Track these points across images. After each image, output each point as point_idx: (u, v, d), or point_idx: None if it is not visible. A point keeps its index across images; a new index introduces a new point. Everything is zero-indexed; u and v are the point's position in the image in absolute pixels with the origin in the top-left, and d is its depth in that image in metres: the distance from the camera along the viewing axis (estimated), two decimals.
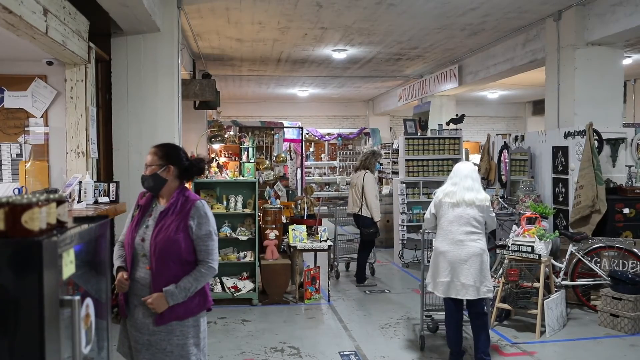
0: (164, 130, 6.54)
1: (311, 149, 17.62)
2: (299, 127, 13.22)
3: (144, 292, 2.90)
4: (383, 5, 7.27)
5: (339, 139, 17.21)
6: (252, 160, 8.35)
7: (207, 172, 7.39)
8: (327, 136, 17.12)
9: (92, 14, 5.47)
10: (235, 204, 6.81)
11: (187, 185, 3.21)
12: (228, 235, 6.71)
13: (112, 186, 5.29)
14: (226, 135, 11.64)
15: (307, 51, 10.34)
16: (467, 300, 4.58)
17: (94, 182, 5.15)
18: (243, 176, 7.42)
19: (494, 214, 4.83)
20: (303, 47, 10.00)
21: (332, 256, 7.59)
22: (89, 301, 1.99)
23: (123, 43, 6.50)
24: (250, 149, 8.86)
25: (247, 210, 6.80)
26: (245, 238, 6.69)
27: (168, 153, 3.05)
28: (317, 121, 18.63)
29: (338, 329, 5.83)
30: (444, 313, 4.93)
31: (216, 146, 9.33)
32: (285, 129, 13.34)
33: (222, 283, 6.72)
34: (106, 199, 5.15)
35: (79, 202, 4.82)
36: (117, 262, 3.03)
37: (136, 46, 6.52)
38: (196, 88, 8.96)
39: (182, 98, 7.33)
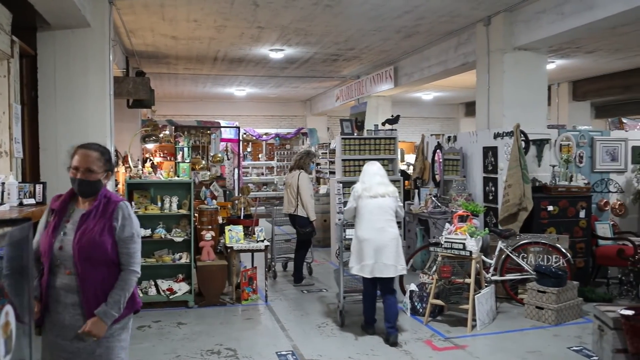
0: (95, 130, 6.32)
1: (249, 149, 17.49)
2: (236, 127, 13.10)
3: (68, 298, 2.79)
4: (320, 6, 7.31)
5: (277, 138, 17.18)
6: (188, 160, 8.21)
7: (141, 172, 7.21)
8: (264, 136, 17.05)
9: (16, 6, 5.21)
10: (170, 205, 6.67)
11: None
12: (163, 236, 6.56)
13: (39, 187, 5.06)
14: (161, 135, 11.40)
15: (244, 50, 10.27)
16: (382, 279, 5.35)
17: (19, 183, 4.92)
18: (178, 176, 7.29)
19: (401, 204, 5.66)
20: (240, 46, 9.92)
21: (269, 256, 7.56)
22: (8, 308, 1.89)
23: (50, 38, 6.23)
24: (186, 149, 8.72)
25: (183, 211, 6.68)
26: (180, 239, 6.56)
27: (110, 158, 2.95)
28: (255, 121, 18.54)
29: (275, 330, 5.82)
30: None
31: (150, 146, 9.12)
32: (222, 129, 13.18)
33: (156, 285, 6.57)
34: (32, 201, 4.93)
35: (1, 204, 4.59)
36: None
37: (65, 41, 6.25)
38: (129, 86, 8.72)
39: (115, 96, 7.10)
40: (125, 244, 2.85)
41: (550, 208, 6.91)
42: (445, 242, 5.92)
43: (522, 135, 7.04)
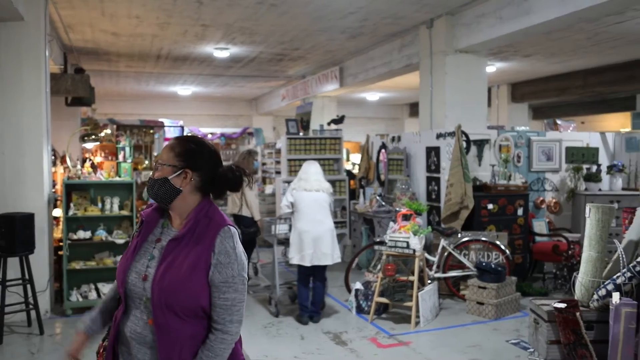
0: (30, 128, 6.07)
1: None
2: (180, 126, 12.88)
3: (141, 353, 1.98)
4: (264, 5, 7.27)
5: (222, 138, 17.00)
6: (130, 160, 8.01)
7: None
8: (210, 135, 16.85)
9: None
10: (111, 206, 6.49)
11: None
12: (104, 238, 6.38)
13: None
14: (102, 134, 11.06)
15: (188, 48, 10.10)
16: (318, 267, 5.88)
17: None
18: (120, 176, 7.10)
19: (333, 199, 6.22)
20: (184, 44, 9.76)
21: None
22: None
23: None
24: (128, 148, 8.50)
25: (124, 212, 6.51)
26: (122, 241, 6.39)
27: (190, 151, 2.06)
28: (200, 120, 18.27)
29: None
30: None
31: (90, 145, 8.84)
32: (166, 128, 12.92)
33: (97, 289, 6.38)
34: None
35: None
36: (91, 313, 2.18)
37: None
38: (68, 83, 8.41)
39: (52, 94, 6.85)
40: (220, 291, 1.97)
41: (490, 206, 7.12)
42: (389, 240, 6.01)
43: (463, 135, 7.22)
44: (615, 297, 2.48)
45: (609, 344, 2.50)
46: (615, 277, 2.63)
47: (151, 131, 11.23)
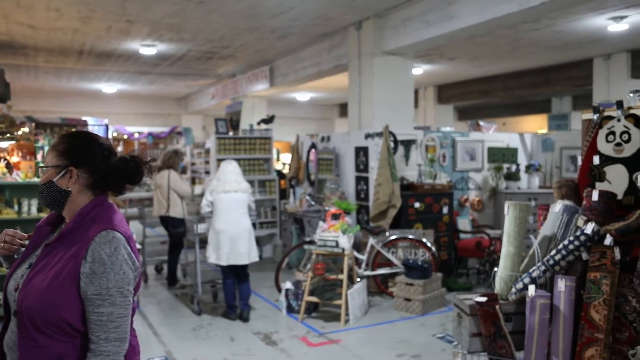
0: None
1: (119, 148, 16.68)
2: (105, 125, 12.42)
3: None
4: (192, 1, 7.14)
5: (150, 137, 16.56)
6: None
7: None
8: (136, 134, 16.36)
9: None
10: (29, 208, 6.18)
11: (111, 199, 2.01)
12: None
13: None
14: (19, 133, 10.49)
15: (112, 44, 9.76)
16: (237, 267, 5.95)
17: None
18: (38, 177, 6.76)
19: (253, 199, 6.27)
20: (108, 40, 9.42)
21: (140, 259, 7.25)
22: None
23: None
24: (47, 148, 8.09)
25: (43, 215, 6.20)
26: None
27: (73, 147, 1.88)
28: (126, 119, 17.71)
29: (147, 336, 5.60)
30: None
31: (5, 144, 8.34)
32: (89, 127, 12.42)
33: None
34: None
35: None
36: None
37: None
38: None
39: None
40: (94, 304, 1.74)
41: (417, 205, 7.30)
42: (319, 240, 6.04)
43: (391, 135, 7.37)
44: (531, 289, 2.61)
45: (525, 334, 2.63)
46: (531, 270, 2.76)
47: (73, 130, 10.79)
